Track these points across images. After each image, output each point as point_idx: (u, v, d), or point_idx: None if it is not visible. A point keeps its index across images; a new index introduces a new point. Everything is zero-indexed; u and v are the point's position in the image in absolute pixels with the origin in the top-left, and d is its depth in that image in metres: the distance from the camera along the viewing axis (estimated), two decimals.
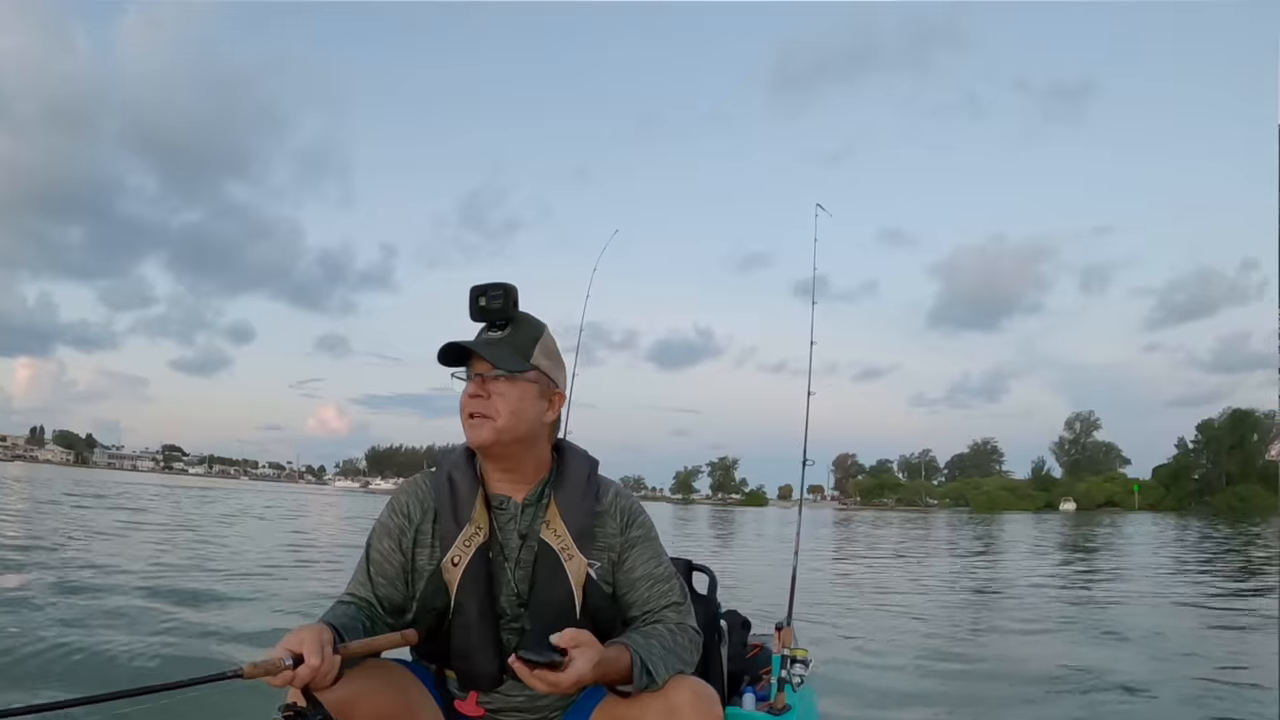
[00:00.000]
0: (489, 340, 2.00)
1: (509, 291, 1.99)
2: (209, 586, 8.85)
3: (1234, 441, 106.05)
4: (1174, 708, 5.35)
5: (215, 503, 34.12)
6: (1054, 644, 7.91)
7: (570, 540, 1.99)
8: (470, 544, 1.98)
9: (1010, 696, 5.56)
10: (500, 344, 1.99)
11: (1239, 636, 8.54)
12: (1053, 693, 5.68)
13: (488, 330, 2.02)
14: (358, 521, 26.42)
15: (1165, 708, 5.36)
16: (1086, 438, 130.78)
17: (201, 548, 13.86)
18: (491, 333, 2.01)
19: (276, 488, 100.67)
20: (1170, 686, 5.86)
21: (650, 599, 2.02)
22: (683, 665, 1.90)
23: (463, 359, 2.02)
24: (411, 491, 2.11)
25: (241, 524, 22.28)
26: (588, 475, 2.08)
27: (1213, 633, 8.78)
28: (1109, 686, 5.86)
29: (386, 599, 2.02)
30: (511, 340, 1.99)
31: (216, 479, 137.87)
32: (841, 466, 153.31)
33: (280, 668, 1.57)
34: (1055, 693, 5.69)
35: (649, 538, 2.08)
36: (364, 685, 1.80)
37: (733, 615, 2.87)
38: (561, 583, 1.97)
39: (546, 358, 2.04)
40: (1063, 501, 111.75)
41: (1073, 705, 5.37)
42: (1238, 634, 8.69)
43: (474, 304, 2.00)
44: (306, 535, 20.01)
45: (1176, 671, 6.43)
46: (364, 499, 64.14)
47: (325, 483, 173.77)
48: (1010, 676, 6.20)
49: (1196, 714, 5.21)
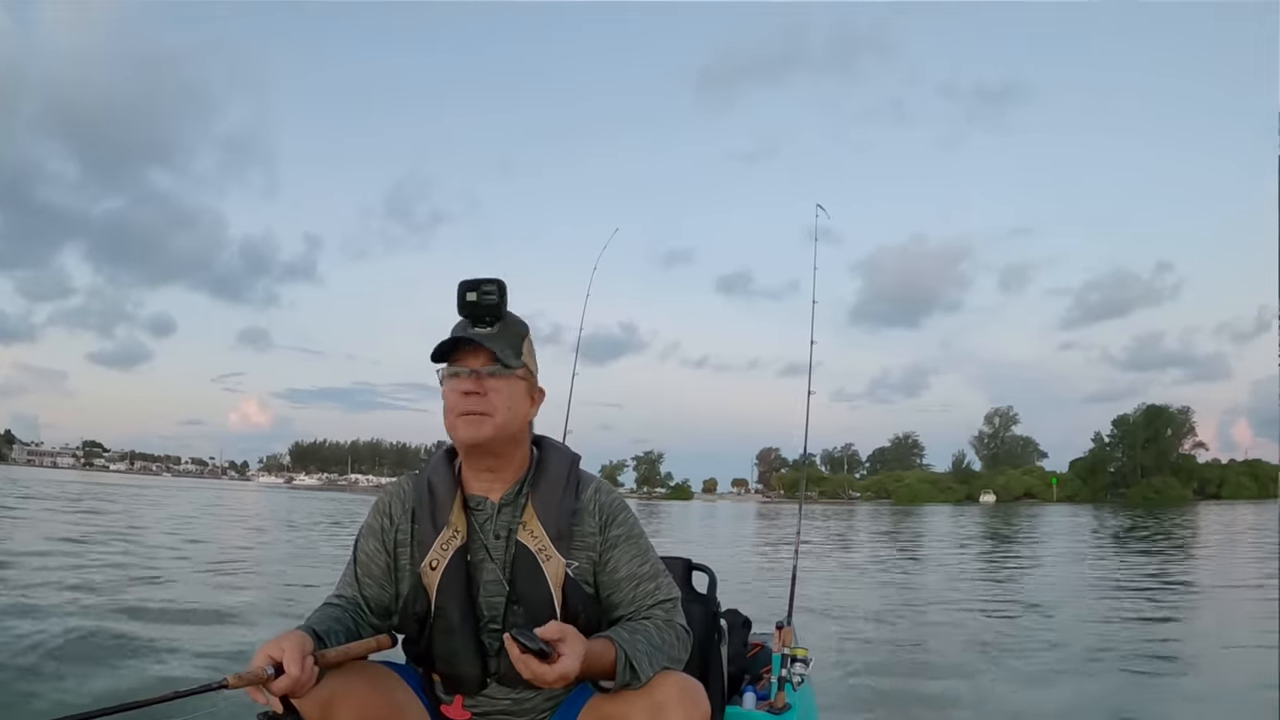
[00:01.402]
0: (486, 335, 1.96)
1: (502, 287, 1.96)
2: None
3: (1148, 436, 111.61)
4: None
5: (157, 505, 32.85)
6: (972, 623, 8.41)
7: (548, 540, 1.98)
8: (448, 547, 1.98)
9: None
10: (497, 339, 1.96)
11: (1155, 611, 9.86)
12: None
13: (472, 326, 1.97)
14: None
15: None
16: (1005, 432, 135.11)
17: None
18: (479, 329, 1.97)
19: (200, 484, 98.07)
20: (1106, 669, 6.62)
21: (636, 599, 2.00)
22: (670, 662, 1.89)
23: (440, 356, 1.99)
24: (394, 492, 2.12)
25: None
26: (567, 472, 2.07)
27: (1130, 607, 10.17)
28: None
29: (374, 600, 2.04)
30: (504, 336, 1.97)
31: (139, 475, 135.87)
32: (765, 461, 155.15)
33: (263, 678, 1.59)
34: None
35: (631, 535, 2.06)
36: (347, 686, 1.81)
37: (733, 614, 2.89)
38: (540, 584, 1.96)
39: (530, 356, 2.03)
40: (982, 494, 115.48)
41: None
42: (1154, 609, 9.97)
43: (463, 298, 1.96)
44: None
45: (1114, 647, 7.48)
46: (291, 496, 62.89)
47: (249, 479, 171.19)
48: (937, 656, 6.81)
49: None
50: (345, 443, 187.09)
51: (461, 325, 1.99)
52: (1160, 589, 12.38)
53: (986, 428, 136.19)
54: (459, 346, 1.96)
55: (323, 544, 18.34)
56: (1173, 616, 9.81)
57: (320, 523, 26.77)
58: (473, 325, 1.97)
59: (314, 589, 9.23)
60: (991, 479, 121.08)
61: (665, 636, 1.93)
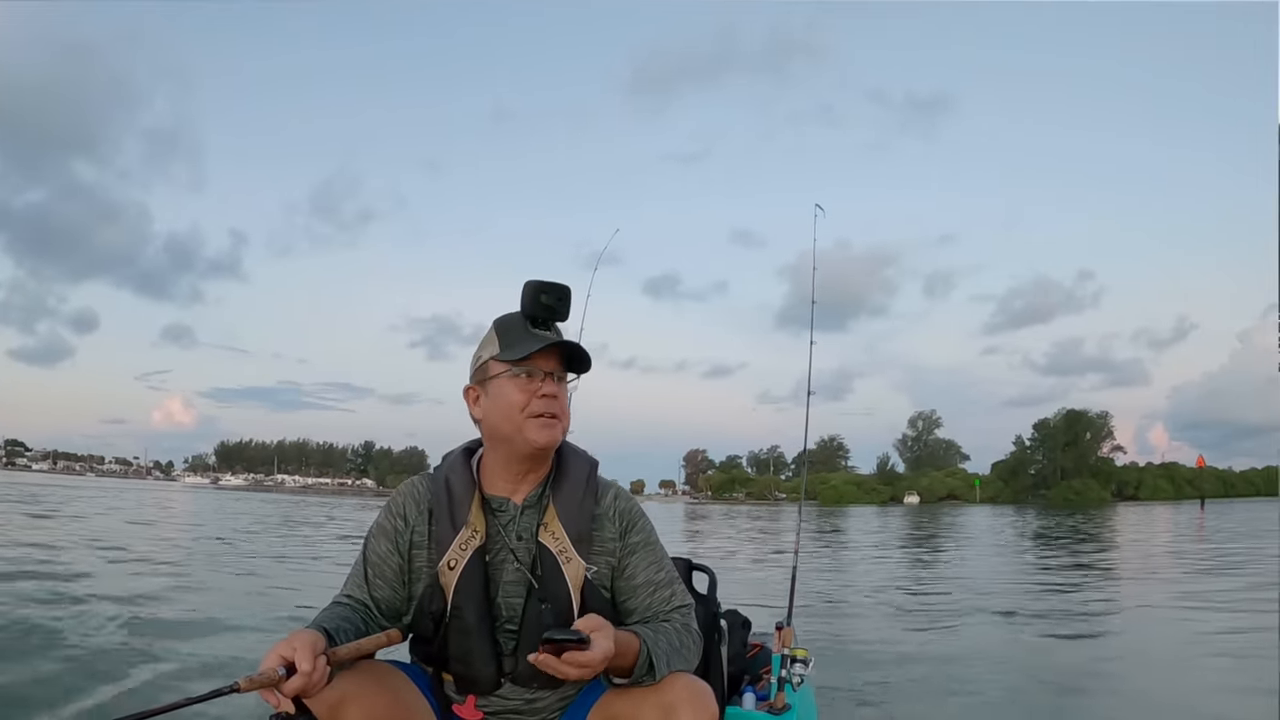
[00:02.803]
0: (566, 341, 2.02)
1: (567, 294, 2.00)
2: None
3: (1068, 439, 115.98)
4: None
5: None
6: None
7: (568, 543, 2.01)
8: (466, 547, 1.99)
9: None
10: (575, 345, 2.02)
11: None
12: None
13: (533, 328, 2.00)
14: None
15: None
16: (928, 435, 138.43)
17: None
18: (543, 331, 2.00)
19: (124, 484, 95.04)
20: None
21: (652, 605, 2.04)
22: (684, 665, 1.92)
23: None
24: (408, 493, 2.11)
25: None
26: (586, 476, 2.09)
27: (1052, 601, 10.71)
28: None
29: (384, 601, 2.03)
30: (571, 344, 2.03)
31: (62, 475, 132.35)
32: (692, 462, 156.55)
33: (275, 679, 1.58)
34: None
35: (649, 542, 2.10)
36: (356, 687, 1.81)
37: (733, 615, 2.91)
38: (560, 586, 1.99)
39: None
40: (907, 495, 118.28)
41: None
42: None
43: (535, 300, 1.99)
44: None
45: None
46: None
47: (174, 479, 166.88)
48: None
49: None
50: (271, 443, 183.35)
51: (523, 325, 2.01)
52: (1074, 569, 14.57)
53: (910, 431, 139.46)
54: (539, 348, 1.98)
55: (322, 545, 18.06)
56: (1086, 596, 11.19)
57: (276, 527, 25.96)
58: (533, 326, 2.00)
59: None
60: (915, 481, 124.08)
61: (684, 639, 1.98)
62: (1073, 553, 19.43)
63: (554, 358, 1.99)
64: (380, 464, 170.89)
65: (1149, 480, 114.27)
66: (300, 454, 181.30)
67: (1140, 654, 7.03)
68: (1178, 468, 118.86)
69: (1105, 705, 5.22)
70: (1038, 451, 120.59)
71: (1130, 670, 6.37)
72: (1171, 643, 7.60)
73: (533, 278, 1.98)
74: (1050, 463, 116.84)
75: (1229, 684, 5.74)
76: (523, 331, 1.99)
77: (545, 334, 1.99)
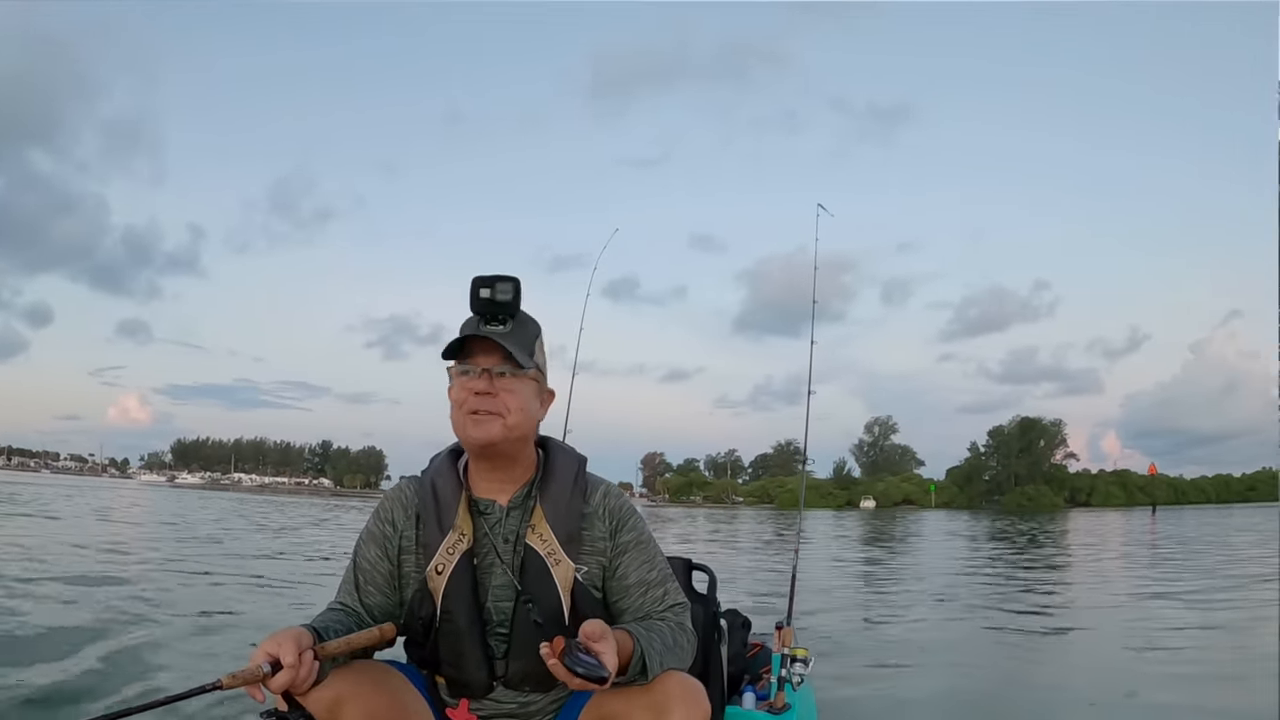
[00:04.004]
0: (500, 333, 1.95)
1: (517, 285, 1.95)
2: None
3: (1022, 446, 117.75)
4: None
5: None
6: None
7: (557, 544, 1.99)
8: (454, 551, 1.98)
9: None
10: (511, 337, 1.95)
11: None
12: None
13: (485, 324, 1.96)
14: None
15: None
16: (884, 440, 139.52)
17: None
18: (492, 326, 1.95)
19: (80, 481, 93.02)
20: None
21: (645, 605, 2.03)
22: (678, 663, 1.92)
23: (450, 353, 1.97)
24: (396, 497, 2.10)
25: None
26: (575, 475, 2.08)
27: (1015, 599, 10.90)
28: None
29: (377, 608, 2.02)
30: (517, 335, 1.96)
31: (16, 472, 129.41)
32: (649, 465, 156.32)
33: (258, 676, 1.57)
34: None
35: (641, 541, 2.08)
36: (354, 686, 1.80)
37: (733, 614, 2.93)
38: (549, 588, 1.98)
39: (542, 356, 2.04)
40: (863, 500, 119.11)
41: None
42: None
43: (476, 294, 1.94)
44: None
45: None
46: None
47: (130, 476, 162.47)
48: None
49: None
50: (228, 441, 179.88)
51: (473, 322, 1.98)
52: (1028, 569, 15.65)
53: (867, 436, 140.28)
54: (471, 343, 1.95)
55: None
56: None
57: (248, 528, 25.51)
58: (484, 322, 1.96)
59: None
60: (871, 485, 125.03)
61: (678, 638, 1.96)
62: (1028, 554, 20.30)
63: (496, 353, 1.94)
64: (338, 464, 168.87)
65: (1101, 487, 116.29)
66: (257, 453, 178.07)
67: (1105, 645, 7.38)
68: (1130, 475, 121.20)
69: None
70: (992, 458, 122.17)
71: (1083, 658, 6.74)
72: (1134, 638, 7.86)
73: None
74: (1004, 469, 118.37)
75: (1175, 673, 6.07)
76: (469, 329, 1.97)
77: (492, 329, 1.95)
